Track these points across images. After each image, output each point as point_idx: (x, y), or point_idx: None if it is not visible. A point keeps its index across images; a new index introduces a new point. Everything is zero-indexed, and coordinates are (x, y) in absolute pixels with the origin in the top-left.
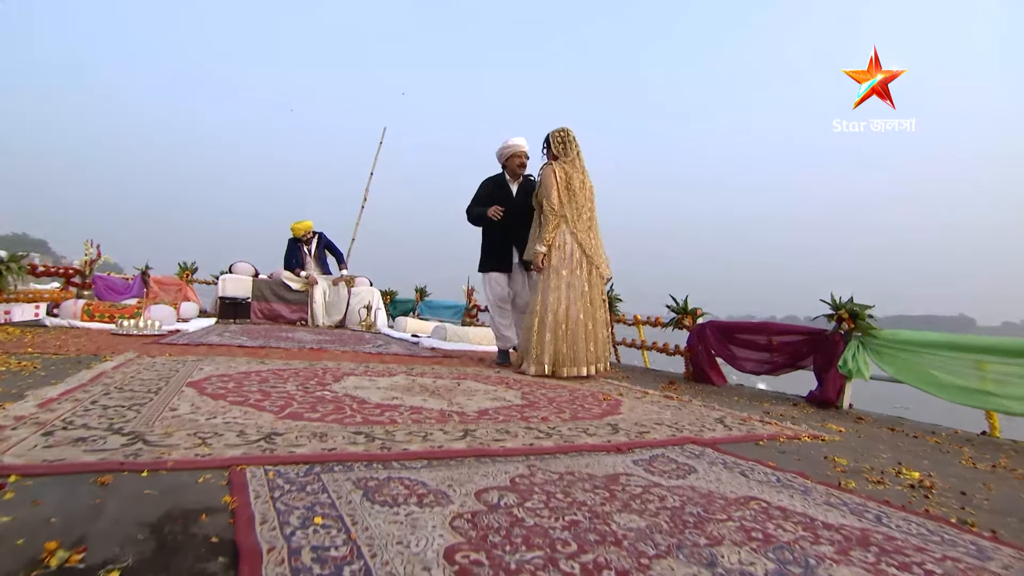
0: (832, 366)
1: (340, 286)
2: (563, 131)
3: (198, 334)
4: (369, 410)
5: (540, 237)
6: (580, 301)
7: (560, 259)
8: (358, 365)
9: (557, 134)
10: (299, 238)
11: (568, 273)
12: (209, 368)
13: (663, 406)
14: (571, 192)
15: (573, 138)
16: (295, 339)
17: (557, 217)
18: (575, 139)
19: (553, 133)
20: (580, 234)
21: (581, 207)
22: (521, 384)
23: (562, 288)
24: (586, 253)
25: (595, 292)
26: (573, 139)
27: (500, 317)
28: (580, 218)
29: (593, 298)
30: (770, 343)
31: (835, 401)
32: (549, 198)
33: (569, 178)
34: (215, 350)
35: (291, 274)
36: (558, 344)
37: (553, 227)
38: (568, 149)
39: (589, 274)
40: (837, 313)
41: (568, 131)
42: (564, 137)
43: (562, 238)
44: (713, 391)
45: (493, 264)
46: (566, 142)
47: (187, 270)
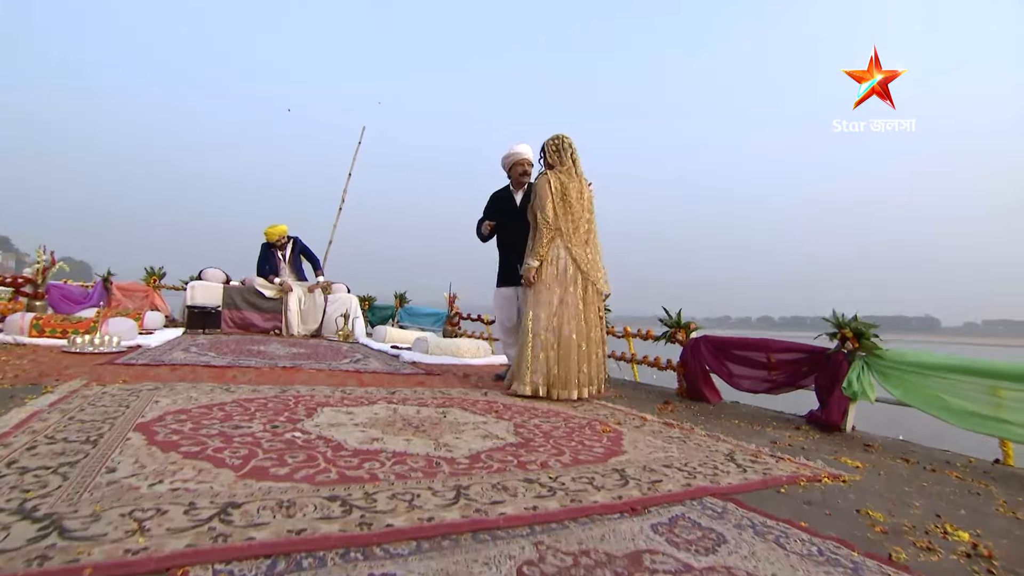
0: (836, 387)
1: (316, 293)
2: (557, 138)
3: (161, 350)
4: (346, 459)
5: (533, 251)
6: (574, 320)
7: (553, 274)
8: (334, 390)
9: (551, 142)
10: (273, 243)
11: (561, 290)
12: (166, 401)
13: (667, 438)
14: (567, 203)
15: (568, 144)
16: (267, 354)
17: (551, 230)
18: (571, 145)
19: (548, 141)
20: (575, 248)
21: (577, 219)
22: (512, 411)
23: (554, 305)
24: (581, 268)
25: (590, 310)
26: (568, 146)
27: (504, 335)
28: (576, 231)
29: (588, 316)
30: (768, 361)
31: (839, 424)
32: (543, 210)
33: (565, 188)
34: (177, 371)
35: (264, 281)
36: (549, 365)
37: (547, 241)
38: (563, 157)
39: (584, 291)
40: (840, 332)
41: (563, 138)
42: (559, 144)
43: (555, 252)
44: (710, 411)
45: (500, 279)
46: (560, 149)
47: (154, 275)
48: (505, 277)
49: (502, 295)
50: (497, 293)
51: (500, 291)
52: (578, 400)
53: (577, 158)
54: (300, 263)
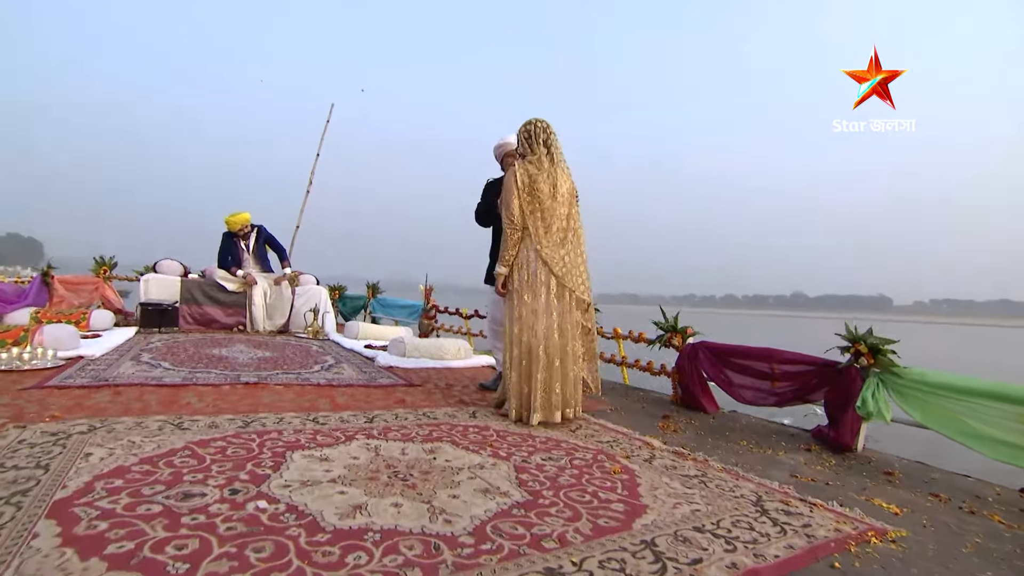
0: (849, 406)
1: (283, 286)
2: (529, 123)
3: (107, 361)
4: (324, 550)
5: (500, 256)
6: (544, 332)
7: (522, 281)
8: (305, 418)
9: (523, 127)
10: (235, 232)
11: (531, 298)
12: (99, 453)
13: (684, 478)
14: (536, 198)
15: (542, 129)
16: (229, 361)
17: (516, 230)
18: (545, 130)
19: (520, 127)
20: (546, 250)
21: (549, 216)
22: (508, 444)
23: (524, 317)
24: (554, 272)
25: (566, 320)
26: (541, 131)
27: (494, 338)
28: (548, 230)
29: (563, 328)
30: (772, 371)
31: (851, 445)
32: (507, 208)
33: (533, 181)
34: (122, 396)
35: (226, 273)
36: (521, 385)
37: (513, 243)
38: (534, 145)
39: (560, 298)
40: (854, 346)
41: (535, 122)
42: (530, 130)
43: (525, 255)
44: (712, 425)
45: (489, 275)
46: (532, 136)
47: (104, 266)
48: (489, 275)
49: (493, 295)
50: (489, 291)
51: (490, 289)
52: (563, 422)
53: (554, 144)
54: (265, 253)
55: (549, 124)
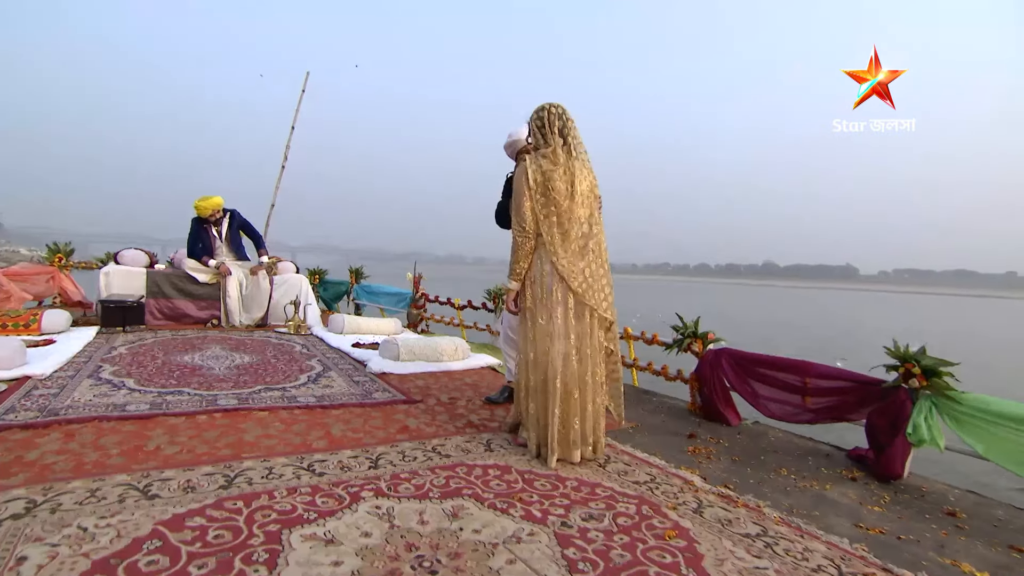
0: (898, 432)
1: (260, 276)
2: (542, 109)
3: (59, 382)
4: None
5: (510, 267)
6: (562, 358)
7: (535, 299)
8: (298, 467)
9: (534, 114)
10: (206, 218)
11: (546, 319)
12: (37, 556)
13: (749, 543)
14: (551, 199)
15: (557, 117)
16: (204, 373)
17: (529, 238)
18: (561, 117)
19: (532, 114)
20: (564, 262)
21: (567, 220)
22: (540, 498)
23: (538, 340)
24: (573, 289)
25: (586, 344)
26: (556, 118)
27: (507, 346)
28: (566, 237)
29: (583, 353)
30: (804, 385)
31: (900, 475)
32: (517, 212)
33: (548, 178)
34: (75, 439)
35: (197, 264)
36: (539, 418)
37: (525, 254)
38: (548, 135)
39: (579, 317)
40: (904, 366)
41: (549, 108)
42: (543, 117)
43: (538, 268)
44: (741, 444)
45: None
46: (545, 123)
47: (59, 253)
48: None
49: None
50: None
51: None
52: (581, 462)
53: (571, 132)
54: (239, 240)
55: (566, 109)
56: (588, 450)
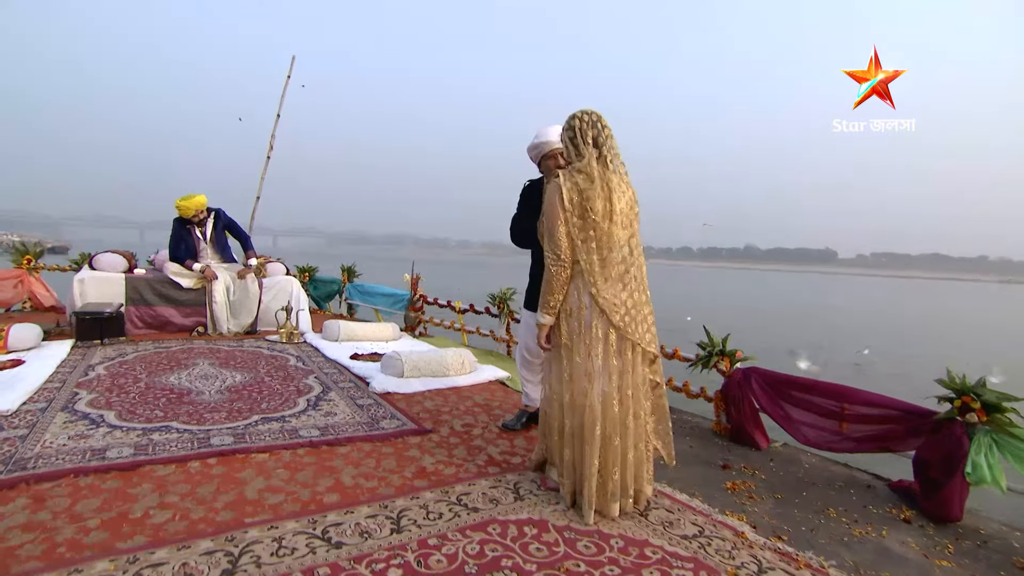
0: (956, 470)
1: (248, 279)
2: (574, 118)
3: (27, 420)
4: None
5: (543, 301)
6: (602, 401)
7: (572, 333)
8: (312, 535)
9: (566, 124)
10: (189, 219)
11: (584, 356)
12: None
13: None
14: (588, 222)
15: (590, 125)
16: (194, 400)
17: (564, 267)
18: (595, 125)
19: (565, 123)
20: (604, 294)
21: (606, 245)
22: (587, 566)
23: (575, 380)
24: (614, 324)
25: (628, 382)
26: (590, 127)
27: (524, 370)
28: (605, 264)
29: (624, 394)
30: (841, 411)
31: (960, 517)
32: (551, 237)
33: (585, 198)
34: (46, 506)
35: (180, 268)
36: (575, 465)
37: (560, 285)
38: (581, 147)
39: (621, 354)
40: (962, 399)
41: (582, 117)
42: (575, 127)
43: (575, 300)
44: (777, 474)
45: (528, 299)
46: (578, 134)
47: (27, 255)
48: (532, 298)
49: (528, 320)
50: (524, 315)
51: (527, 314)
52: (622, 515)
53: (608, 142)
54: (225, 241)
55: (600, 116)
56: (628, 503)
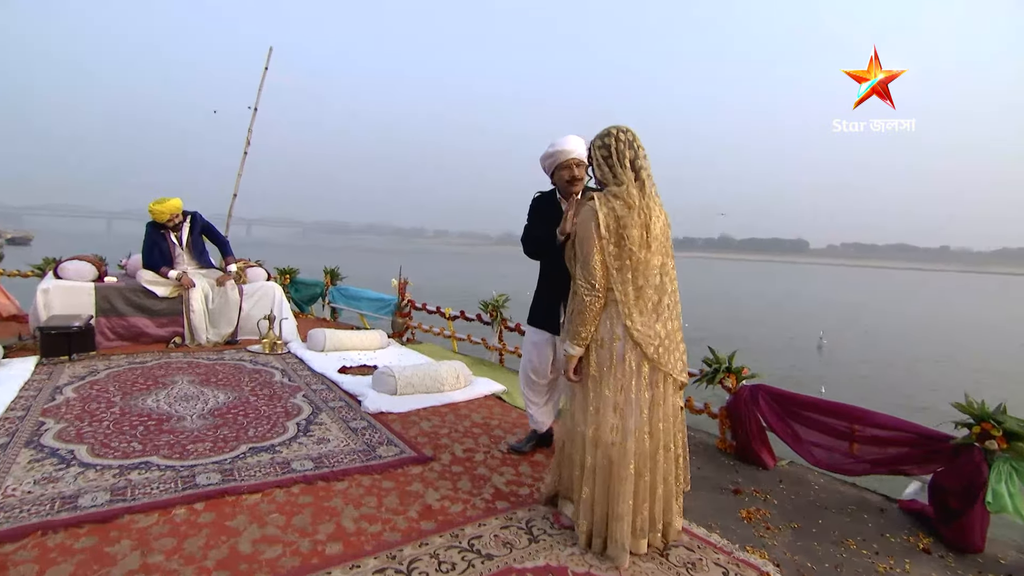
0: (976, 498)
1: (228, 286)
2: (608, 135)
3: None
4: None
5: (572, 331)
6: (634, 436)
7: (601, 365)
8: None
9: (599, 141)
10: (163, 224)
11: (613, 390)
12: None
13: None
14: (624, 251)
15: (627, 145)
16: (174, 429)
17: (599, 297)
18: (631, 145)
19: (595, 140)
20: (639, 326)
21: (643, 274)
22: None
23: (602, 413)
24: (648, 355)
25: (658, 414)
26: (626, 147)
27: (530, 391)
28: (641, 294)
29: (655, 427)
30: (852, 432)
31: (982, 548)
32: (585, 267)
33: (622, 225)
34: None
35: (155, 275)
36: (595, 504)
37: (593, 316)
38: (619, 171)
39: (652, 386)
40: (981, 425)
41: (617, 134)
42: (611, 146)
43: (607, 330)
44: (789, 499)
45: (532, 315)
46: (615, 154)
47: None
48: (539, 315)
49: (533, 337)
50: (528, 331)
51: (531, 330)
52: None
53: (644, 164)
54: (203, 246)
55: (636, 135)
56: (657, 537)
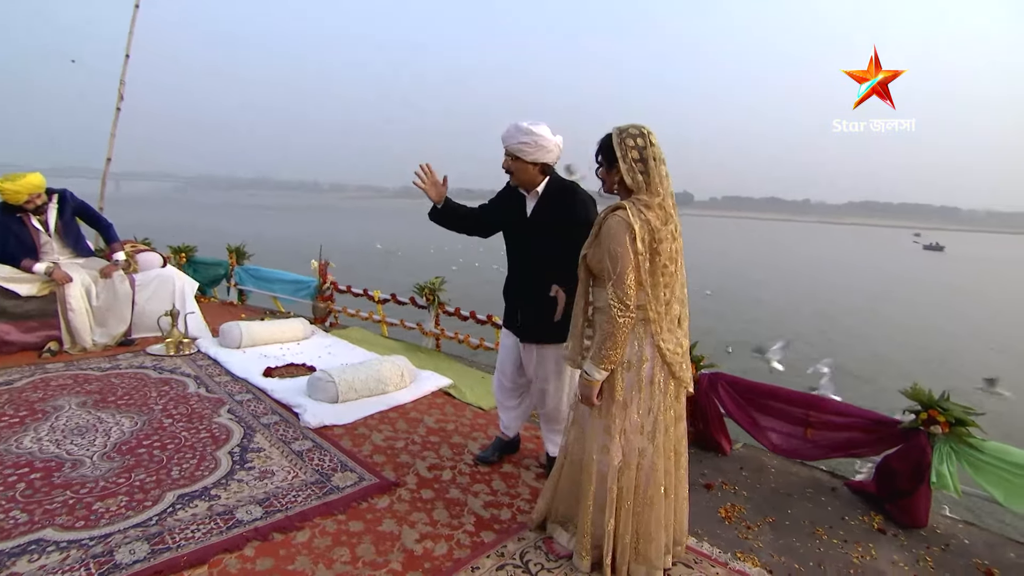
0: (921, 479)
1: (115, 277)
2: (640, 135)
3: None
4: None
5: (603, 353)
6: (661, 454)
7: (630, 388)
8: None
9: (632, 142)
10: (20, 206)
11: (641, 412)
12: None
13: None
14: (657, 266)
15: (653, 144)
16: (68, 478)
17: (632, 318)
18: (656, 147)
19: (622, 136)
20: (671, 344)
21: (670, 289)
22: None
23: (629, 435)
24: (674, 374)
25: (680, 431)
26: (653, 149)
27: (499, 393)
28: (669, 310)
29: (678, 442)
30: (807, 418)
31: (926, 524)
32: (619, 286)
33: (657, 239)
34: None
35: (14, 270)
36: (618, 527)
37: (624, 337)
38: (654, 179)
39: (676, 398)
40: (928, 412)
41: (650, 136)
42: (643, 148)
43: (636, 351)
44: (752, 484)
45: (508, 319)
46: (652, 163)
47: None
48: (505, 314)
49: (504, 338)
50: (504, 337)
51: (506, 333)
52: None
53: (666, 170)
54: (78, 231)
55: (654, 134)
56: (679, 549)
